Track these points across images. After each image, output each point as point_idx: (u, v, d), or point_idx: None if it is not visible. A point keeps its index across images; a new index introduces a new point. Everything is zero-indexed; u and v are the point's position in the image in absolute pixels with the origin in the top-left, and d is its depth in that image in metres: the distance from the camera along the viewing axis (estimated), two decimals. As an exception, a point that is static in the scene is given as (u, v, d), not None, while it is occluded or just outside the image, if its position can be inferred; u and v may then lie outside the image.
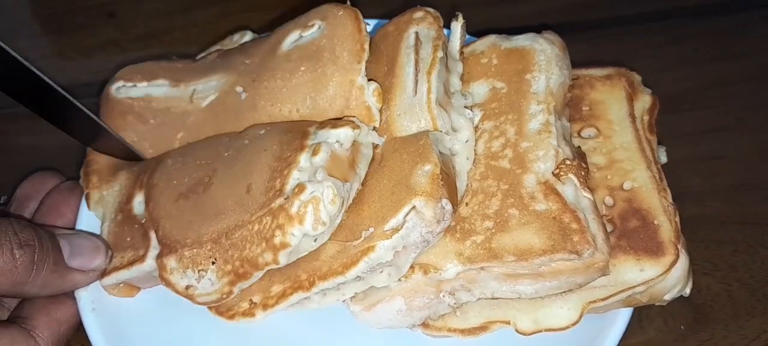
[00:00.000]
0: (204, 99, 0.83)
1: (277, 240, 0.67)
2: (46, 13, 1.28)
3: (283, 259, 0.68)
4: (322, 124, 0.73)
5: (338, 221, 0.70)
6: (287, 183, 0.68)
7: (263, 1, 1.24)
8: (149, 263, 0.74)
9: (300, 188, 0.67)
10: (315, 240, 0.69)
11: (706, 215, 0.90)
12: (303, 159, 0.69)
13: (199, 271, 0.71)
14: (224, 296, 0.71)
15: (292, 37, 0.81)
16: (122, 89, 0.87)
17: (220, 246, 0.70)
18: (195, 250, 0.71)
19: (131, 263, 0.75)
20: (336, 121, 0.73)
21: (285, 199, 0.68)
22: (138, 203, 0.79)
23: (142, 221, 0.77)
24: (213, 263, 0.71)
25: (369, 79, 0.76)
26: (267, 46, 0.83)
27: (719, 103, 1.01)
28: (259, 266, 0.69)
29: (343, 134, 0.71)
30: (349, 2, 0.80)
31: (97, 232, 0.81)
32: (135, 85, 0.86)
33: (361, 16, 0.79)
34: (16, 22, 1.26)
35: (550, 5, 1.18)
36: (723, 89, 1.03)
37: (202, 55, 0.92)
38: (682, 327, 0.81)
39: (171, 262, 0.72)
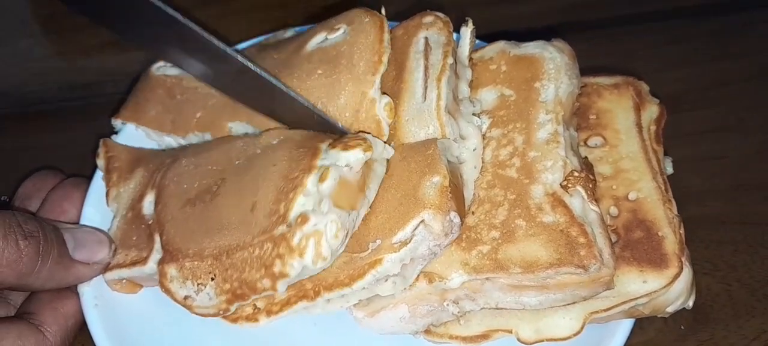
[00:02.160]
0: None
1: (276, 269, 0.66)
2: (46, 13, 1.28)
3: (281, 288, 0.67)
4: (334, 143, 0.70)
5: (342, 250, 0.69)
6: (291, 209, 0.67)
7: (263, 2, 1.24)
8: (151, 266, 0.74)
9: (303, 218, 0.66)
10: (318, 268, 0.68)
11: (706, 215, 0.90)
12: (310, 183, 0.67)
13: (198, 284, 0.71)
14: (221, 312, 0.71)
15: (318, 39, 0.81)
16: (161, 69, 0.91)
17: (221, 263, 0.70)
18: (196, 262, 0.71)
19: (133, 263, 0.76)
20: (347, 142, 0.70)
21: (287, 227, 0.66)
22: (148, 203, 0.79)
23: (149, 222, 0.78)
24: (212, 279, 0.70)
25: (382, 93, 0.76)
26: (296, 44, 0.83)
27: (719, 103, 1.02)
28: (257, 291, 0.68)
29: (353, 158, 0.68)
30: (383, 11, 0.80)
31: (102, 229, 0.81)
32: (173, 66, 0.90)
33: (386, 26, 0.78)
34: (16, 22, 1.26)
35: (550, 5, 1.18)
36: (723, 89, 1.03)
37: (244, 45, 0.94)
38: (682, 327, 0.81)
39: (172, 270, 0.72)
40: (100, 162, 0.86)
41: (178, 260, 0.72)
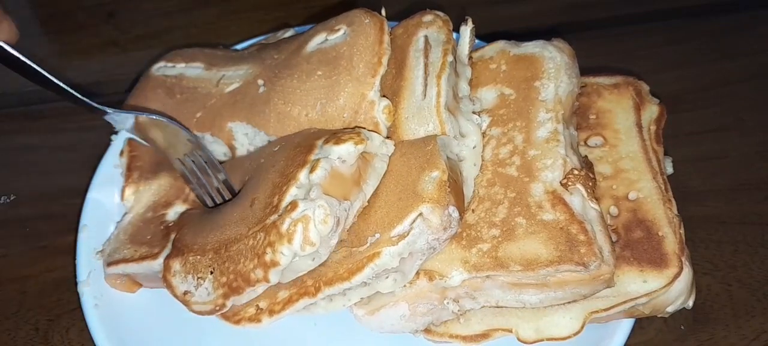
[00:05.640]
0: (228, 85, 0.85)
1: (267, 257, 0.67)
2: (46, 13, 1.28)
3: (273, 277, 0.68)
4: (328, 139, 0.71)
5: (334, 241, 0.69)
6: (284, 199, 0.68)
7: (263, 1, 1.24)
8: (160, 262, 0.75)
9: (292, 205, 0.67)
10: (312, 259, 0.68)
11: (706, 215, 0.90)
12: (302, 175, 0.69)
13: (198, 278, 0.72)
14: (217, 308, 0.72)
15: (318, 39, 0.81)
16: (161, 69, 0.91)
17: (219, 257, 0.71)
18: (198, 257, 0.72)
19: (143, 258, 0.76)
20: (340, 137, 0.70)
21: (278, 215, 0.67)
22: (174, 213, 0.81)
23: (169, 225, 0.79)
24: (211, 272, 0.71)
25: (382, 95, 0.76)
26: (295, 45, 0.83)
27: (719, 103, 1.02)
28: (250, 282, 0.69)
29: (344, 151, 0.69)
30: (383, 12, 0.80)
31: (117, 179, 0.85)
32: (174, 66, 0.90)
33: (386, 28, 0.78)
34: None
35: (550, 5, 1.18)
36: (723, 89, 1.03)
37: (244, 44, 0.95)
38: (682, 327, 0.81)
39: (176, 264, 0.73)
40: (123, 159, 0.87)
41: (183, 254, 0.73)
